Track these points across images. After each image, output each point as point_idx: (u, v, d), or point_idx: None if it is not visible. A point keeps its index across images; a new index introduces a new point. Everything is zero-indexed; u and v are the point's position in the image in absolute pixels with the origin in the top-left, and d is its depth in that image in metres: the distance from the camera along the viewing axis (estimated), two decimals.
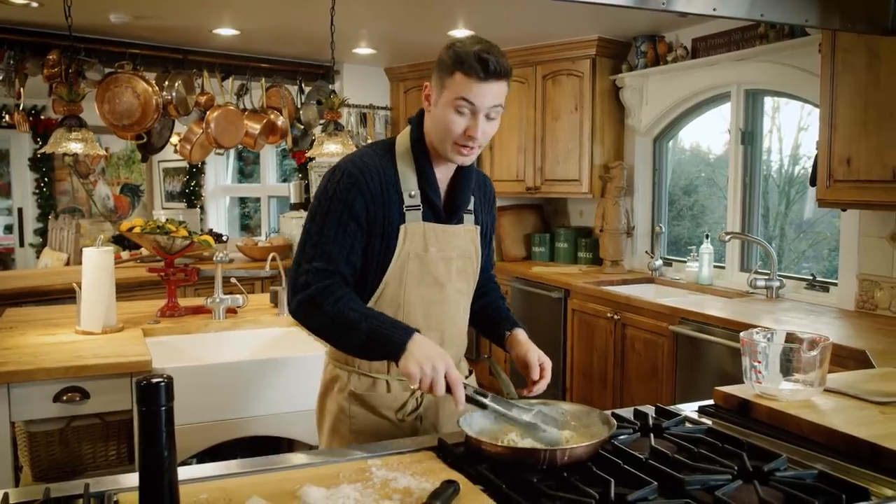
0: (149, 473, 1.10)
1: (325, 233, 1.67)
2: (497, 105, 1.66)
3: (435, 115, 1.69)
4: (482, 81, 1.61)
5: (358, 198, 1.66)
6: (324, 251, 1.66)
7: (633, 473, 1.34)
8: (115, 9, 4.21)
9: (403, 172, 1.73)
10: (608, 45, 4.86)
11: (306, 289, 1.65)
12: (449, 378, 1.53)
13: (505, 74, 1.64)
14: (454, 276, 1.79)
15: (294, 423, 2.70)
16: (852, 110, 3.08)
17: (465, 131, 1.65)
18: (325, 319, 1.63)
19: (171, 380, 1.10)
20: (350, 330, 1.60)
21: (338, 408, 1.80)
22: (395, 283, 1.72)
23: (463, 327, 1.88)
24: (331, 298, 1.63)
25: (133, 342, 2.78)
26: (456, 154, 1.69)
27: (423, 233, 1.73)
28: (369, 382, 1.77)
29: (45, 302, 3.97)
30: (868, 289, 3.47)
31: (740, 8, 1.92)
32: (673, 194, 5.04)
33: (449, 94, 1.64)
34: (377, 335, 1.58)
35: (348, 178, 1.68)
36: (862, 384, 1.84)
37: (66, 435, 2.54)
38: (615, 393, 4.19)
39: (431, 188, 1.74)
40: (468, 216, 1.84)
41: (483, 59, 1.60)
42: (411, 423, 1.78)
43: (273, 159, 7.67)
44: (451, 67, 1.63)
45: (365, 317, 1.60)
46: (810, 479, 1.35)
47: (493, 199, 1.97)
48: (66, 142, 3.30)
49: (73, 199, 8.42)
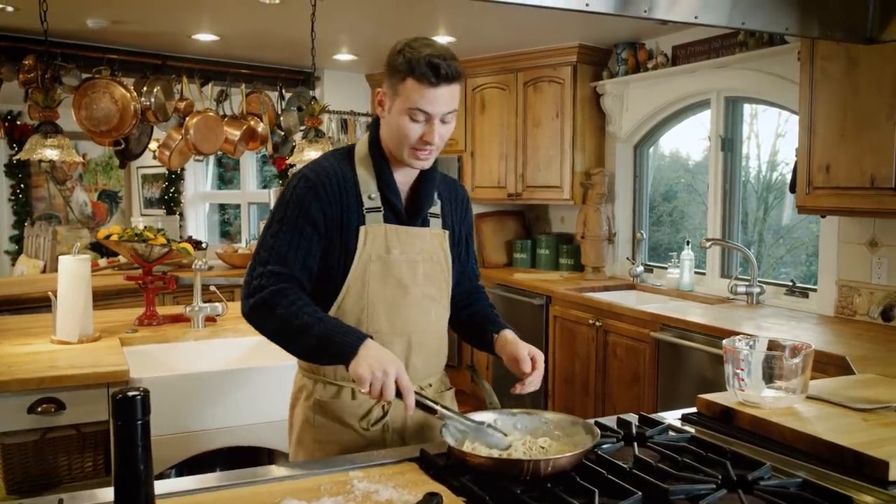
0: (125, 488, 1.08)
1: (280, 237, 1.67)
2: (452, 110, 1.66)
3: (389, 122, 1.69)
4: (434, 87, 1.60)
5: (314, 202, 1.67)
6: (279, 255, 1.66)
7: (617, 483, 1.33)
8: (92, 14, 4.17)
9: (362, 176, 1.74)
10: (589, 52, 4.88)
11: (260, 292, 1.64)
12: (399, 383, 1.52)
13: (456, 78, 1.63)
14: (421, 280, 1.76)
15: (274, 433, 2.67)
16: (831, 117, 3.11)
17: (422, 137, 1.64)
18: (277, 322, 1.62)
19: (148, 393, 1.07)
20: (302, 333, 1.59)
21: (303, 417, 1.78)
22: (358, 284, 1.70)
23: (435, 334, 1.83)
24: (284, 301, 1.61)
25: (110, 352, 2.73)
26: (413, 159, 1.69)
27: (385, 234, 1.72)
28: (334, 390, 1.75)
29: (21, 311, 3.90)
30: (847, 295, 3.49)
31: (721, 16, 1.93)
32: (653, 200, 5.06)
33: (402, 102, 1.63)
34: (329, 339, 1.57)
35: (305, 183, 1.68)
36: (844, 391, 1.85)
37: (41, 447, 2.49)
38: (597, 400, 4.19)
39: (391, 190, 1.73)
40: (434, 220, 1.82)
41: (434, 64, 1.59)
42: (377, 432, 1.74)
43: (253, 166, 7.62)
44: (403, 74, 1.62)
45: (318, 320, 1.59)
46: (794, 488, 1.35)
47: (467, 205, 1.95)
48: (42, 148, 3.25)
49: (50, 205, 8.32)
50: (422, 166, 1.72)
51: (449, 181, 1.92)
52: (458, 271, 1.89)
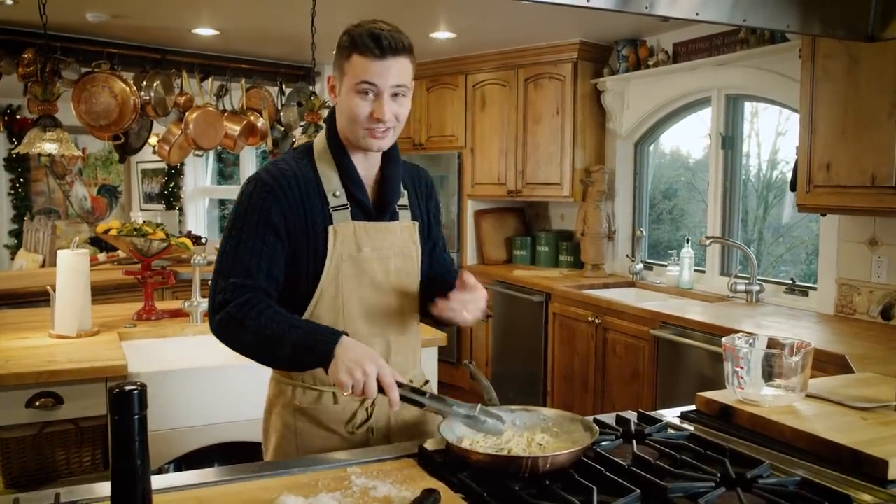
0: (122, 483, 1.07)
1: (241, 246, 1.59)
2: (402, 85, 1.60)
3: (340, 105, 1.64)
4: (379, 59, 1.56)
5: (274, 206, 1.60)
6: (241, 265, 1.58)
7: (616, 481, 1.32)
8: (92, 7, 4.16)
9: (324, 173, 1.67)
10: (590, 49, 4.87)
11: (225, 306, 1.57)
12: (381, 380, 1.47)
13: (402, 50, 1.59)
14: (393, 277, 1.72)
15: None
16: (832, 116, 3.10)
17: (372, 114, 1.59)
18: (248, 337, 1.56)
19: (145, 387, 1.07)
20: (276, 344, 1.54)
21: (283, 425, 1.71)
22: (332, 288, 1.65)
23: (411, 330, 1.79)
24: (252, 313, 1.55)
25: (108, 346, 2.73)
26: (369, 139, 1.63)
27: (354, 232, 1.66)
28: (315, 395, 1.68)
29: (19, 305, 3.89)
30: (847, 293, 3.49)
31: (722, 13, 1.92)
32: (653, 198, 5.06)
33: (350, 80, 1.59)
34: (303, 345, 1.52)
35: (262, 188, 1.61)
36: (843, 390, 1.84)
37: (38, 441, 2.49)
38: (596, 397, 4.19)
39: (355, 185, 1.67)
40: (403, 212, 1.77)
41: (375, 34, 1.56)
42: (362, 435, 1.69)
43: (253, 161, 7.61)
44: (348, 51, 1.58)
45: (289, 328, 1.54)
46: (793, 486, 1.35)
47: (431, 189, 1.88)
48: (41, 142, 3.25)
49: (50, 199, 8.32)
50: (379, 147, 1.65)
51: (410, 168, 1.85)
52: (429, 258, 1.83)
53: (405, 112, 1.65)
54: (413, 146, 5.78)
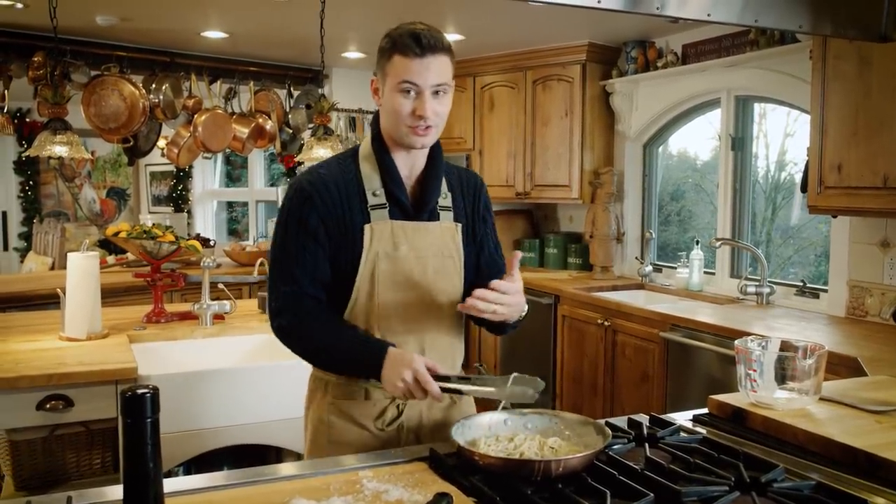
0: (134, 486, 1.07)
1: (286, 254, 1.69)
2: (442, 83, 1.65)
3: (384, 106, 1.69)
4: (419, 58, 1.61)
5: (312, 213, 1.66)
6: (288, 273, 1.68)
7: (629, 485, 1.32)
8: (101, 10, 4.17)
9: (367, 174, 1.72)
10: (598, 51, 4.86)
11: (279, 316, 1.69)
12: (420, 381, 1.54)
13: (441, 48, 1.64)
14: (432, 277, 1.72)
15: (282, 432, 2.67)
16: (843, 117, 3.09)
17: (414, 111, 1.63)
18: (300, 349, 1.70)
19: (157, 391, 1.07)
20: (326, 357, 1.70)
21: (318, 417, 1.76)
22: (367, 285, 1.68)
23: (448, 332, 1.78)
24: (302, 326, 1.67)
25: (118, 349, 2.73)
26: (412, 136, 1.66)
27: (391, 231, 1.69)
28: (348, 390, 1.73)
29: (29, 307, 3.91)
30: (858, 295, 3.47)
31: (734, 13, 1.91)
32: (661, 200, 5.04)
33: (392, 80, 1.64)
34: (354, 361, 1.65)
35: (300, 195, 1.68)
36: (857, 392, 1.83)
37: (49, 443, 2.49)
38: (606, 400, 4.18)
39: (395, 184, 1.70)
40: (445, 213, 1.77)
41: (415, 34, 1.62)
42: (392, 432, 1.72)
43: (261, 163, 7.63)
44: (389, 52, 1.64)
45: (336, 342, 1.66)
46: (808, 490, 1.34)
47: (479, 191, 1.87)
48: (51, 145, 3.25)
49: (59, 202, 8.35)
50: (423, 144, 1.69)
51: (461, 171, 1.88)
52: (477, 260, 1.83)
53: (446, 109, 1.69)
54: None
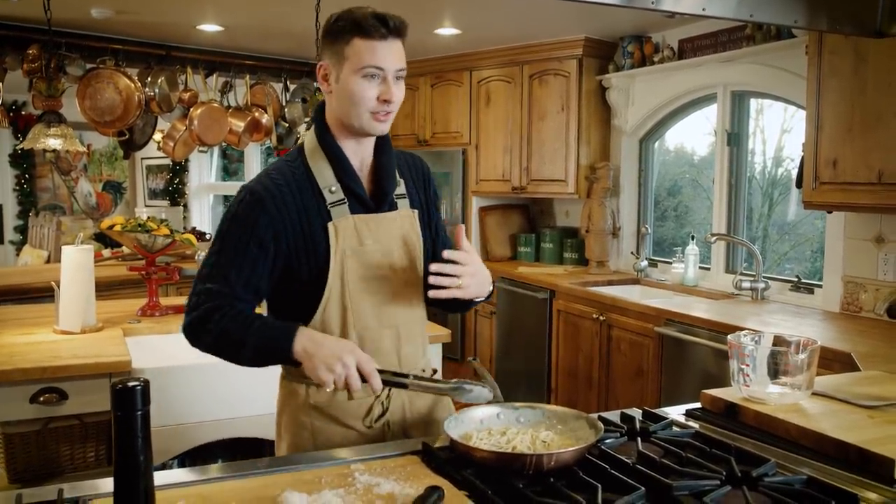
0: (124, 479, 1.07)
1: (222, 254, 1.60)
2: (403, 68, 1.60)
3: (340, 92, 1.60)
4: (384, 40, 1.55)
5: (261, 216, 1.58)
6: (219, 273, 1.59)
7: (621, 479, 1.32)
8: (96, 3, 4.15)
9: (318, 170, 1.65)
10: (595, 46, 4.86)
11: (195, 310, 1.58)
12: (362, 369, 1.49)
13: (403, 32, 1.60)
14: (399, 268, 1.70)
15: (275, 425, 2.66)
16: (838, 112, 3.09)
17: (380, 97, 1.58)
18: (209, 339, 1.57)
19: (147, 383, 1.07)
20: (236, 347, 1.56)
21: (297, 424, 1.69)
22: (338, 286, 1.63)
23: (419, 319, 1.78)
24: (216, 316, 1.56)
25: (112, 342, 2.73)
26: (373, 123, 1.61)
27: (354, 226, 1.64)
28: (329, 393, 1.64)
29: (24, 300, 3.90)
30: (853, 291, 3.47)
31: (729, 8, 1.91)
32: (657, 195, 5.04)
33: (352, 64, 1.56)
34: (262, 346, 1.54)
35: (251, 197, 1.59)
36: (849, 388, 1.83)
37: (43, 436, 2.49)
38: (600, 394, 4.18)
39: (350, 177, 1.65)
40: (401, 201, 1.74)
41: (380, 16, 1.55)
42: (379, 429, 1.69)
43: (258, 157, 7.61)
44: (349, 34, 1.56)
45: (247, 329, 1.55)
46: (799, 485, 1.34)
47: (427, 176, 1.85)
48: (45, 137, 3.25)
49: (55, 195, 8.33)
50: (382, 130, 1.64)
51: (406, 156, 1.83)
52: (433, 246, 1.81)
53: (402, 96, 1.64)
54: (417, 143, 5.77)
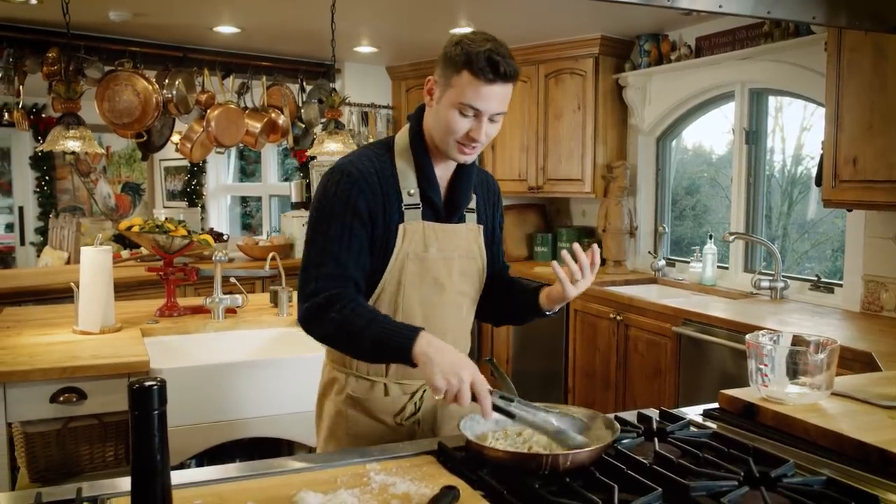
0: (141, 478, 1.08)
1: (330, 235, 1.61)
2: (501, 112, 1.62)
3: (437, 113, 1.64)
4: (490, 84, 1.56)
5: (360, 197, 1.62)
6: (332, 255, 1.61)
7: (637, 479, 1.31)
8: (114, 6, 4.19)
9: (402, 171, 1.69)
10: (611, 44, 4.83)
11: (315, 296, 1.59)
12: (475, 388, 1.46)
13: (513, 77, 1.60)
14: (456, 278, 1.75)
15: (293, 425, 2.68)
16: (858, 110, 3.05)
17: (468, 133, 1.61)
18: (330, 329, 1.58)
19: (164, 383, 1.07)
20: (355, 338, 1.56)
21: (335, 411, 1.77)
22: (393, 284, 1.68)
23: (465, 331, 1.83)
24: (337, 305, 1.56)
25: (131, 342, 2.75)
26: (457, 153, 1.65)
27: (423, 232, 1.69)
28: (367, 386, 1.73)
29: (45, 301, 3.94)
30: (874, 290, 3.43)
31: (746, 5, 1.89)
32: (675, 194, 5.01)
33: (453, 95, 1.59)
34: (382, 341, 1.53)
35: (348, 178, 1.63)
36: (869, 388, 1.81)
37: (63, 436, 2.51)
38: (618, 394, 4.16)
39: (431, 186, 1.70)
40: (470, 215, 1.79)
41: (494, 61, 1.55)
42: (409, 427, 1.75)
43: (275, 158, 7.65)
44: (460, 66, 1.57)
45: (369, 322, 1.54)
46: (818, 486, 1.32)
47: (499, 197, 1.92)
48: (64, 140, 3.28)
49: (74, 197, 8.41)
50: (465, 160, 1.68)
51: (481, 173, 1.88)
52: (490, 264, 1.86)
53: (497, 132, 1.67)
54: None
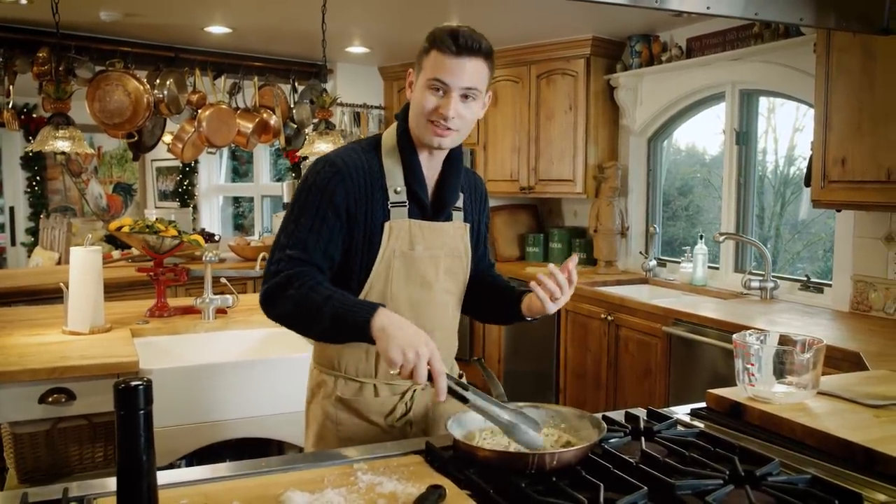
0: (127, 478, 1.07)
1: (301, 222, 1.62)
2: (473, 87, 1.61)
3: (413, 99, 1.67)
4: (454, 56, 1.58)
5: (339, 188, 1.62)
6: (299, 240, 1.61)
7: (623, 478, 1.31)
8: (105, 6, 4.18)
9: (389, 168, 1.70)
10: (603, 45, 4.85)
11: (275, 276, 1.59)
12: (432, 367, 1.45)
13: (479, 51, 1.60)
14: (442, 276, 1.75)
15: (283, 425, 2.67)
16: (847, 111, 3.07)
17: (436, 109, 1.61)
18: (288, 306, 1.57)
19: (150, 382, 1.07)
20: (314, 315, 1.54)
21: (324, 414, 1.76)
22: (381, 283, 1.68)
23: (452, 329, 1.84)
24: (296, 283, 1.56)
25: (121, 343, 2.75)
26: (431, 135, 1.64)
27: (409, 230, 1.69)
28: (356, 387, 1.73)
29: (35, 302, 3.93)
30: (862, 290, 3.45)
31: (735, 7, 1.90)
32: (668, 195, 5.03)
33: (424, 75, 1.62)
34: (340, 315, 1.51)
35: (330, 168, 1.64)
36: (856, 387, 1.82)
37: (52, 436, 2.51)
38: (608, 394, 4.17)
39: (418, 183, 1.70)
40: (457, 213, 1.80)
41: (454, 32, 1.58)
42: (400, 428, 1.74)
43: (267, 158, 7.63)
44: (427, 48, 1.62)
45: (327, 299, 1.53)
46: (803, 484, 1.33)
47: (485, 198, 1.93)
48: (53, 140, 3.27)
49: (65, 198, 8.38)
50: (440, 144, 1.66)
51: (468, 173, 1.88)
52: (474, 262, 1.87)
53: (472, 116, 1.66)
54: None
